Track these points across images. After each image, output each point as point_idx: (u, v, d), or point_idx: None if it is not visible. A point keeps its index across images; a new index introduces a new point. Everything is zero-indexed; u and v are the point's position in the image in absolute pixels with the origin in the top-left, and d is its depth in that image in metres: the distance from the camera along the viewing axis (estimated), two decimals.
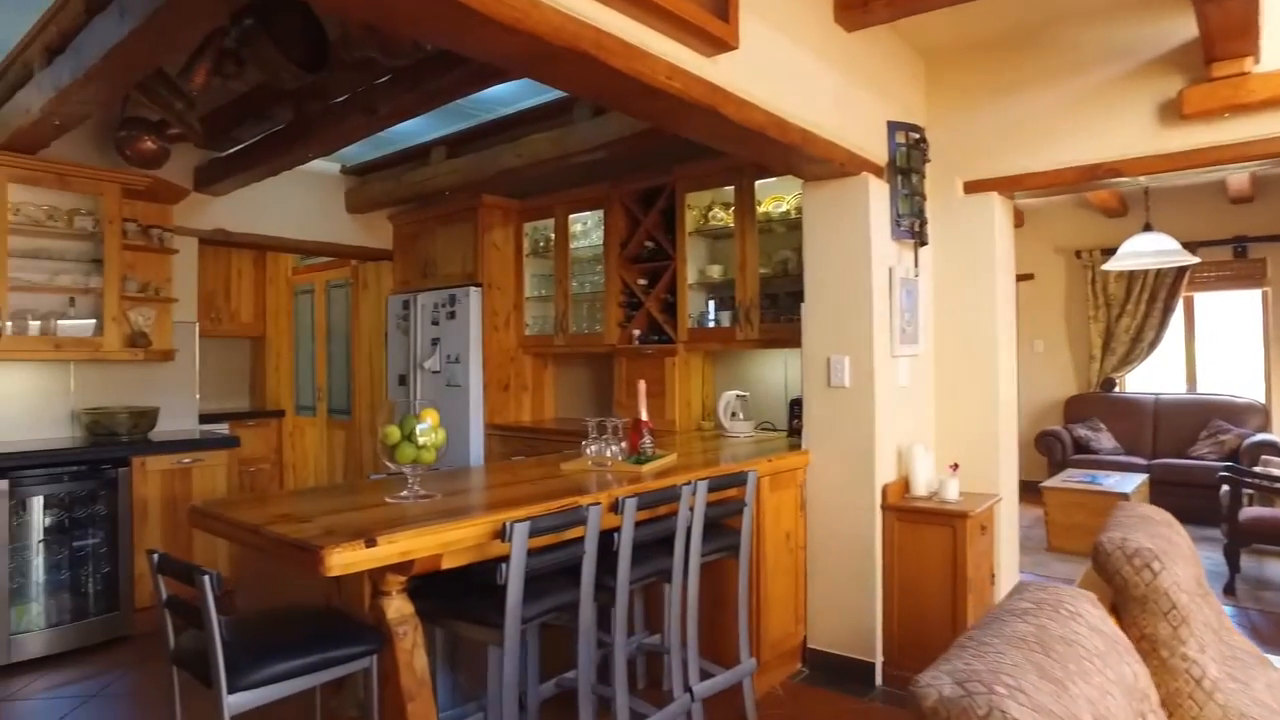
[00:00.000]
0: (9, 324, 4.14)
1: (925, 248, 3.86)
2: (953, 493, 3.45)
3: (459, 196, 5.48)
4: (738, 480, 3.06)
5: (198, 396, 5.12)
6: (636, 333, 4.93)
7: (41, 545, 4.01)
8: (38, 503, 4.00)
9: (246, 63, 3.48)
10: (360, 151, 5.55)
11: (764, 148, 3.16)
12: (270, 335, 7.26)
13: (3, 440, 4.34)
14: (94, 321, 4.47)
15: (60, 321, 4.43)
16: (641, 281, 4.97)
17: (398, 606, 2.19)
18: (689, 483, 2.77)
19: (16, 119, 3.88)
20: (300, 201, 5.60)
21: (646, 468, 3.02)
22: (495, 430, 5.39)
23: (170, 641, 2.16)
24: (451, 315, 5.48)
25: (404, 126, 4.86)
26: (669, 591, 2.90)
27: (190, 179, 5.05)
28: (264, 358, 7.33)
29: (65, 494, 4.06)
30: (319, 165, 5.69)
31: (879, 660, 3.51)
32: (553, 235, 5.46)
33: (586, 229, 5.38)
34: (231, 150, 4.79)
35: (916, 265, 3.80)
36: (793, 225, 4.32)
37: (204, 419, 5.87)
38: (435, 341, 5.58)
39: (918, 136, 3.75)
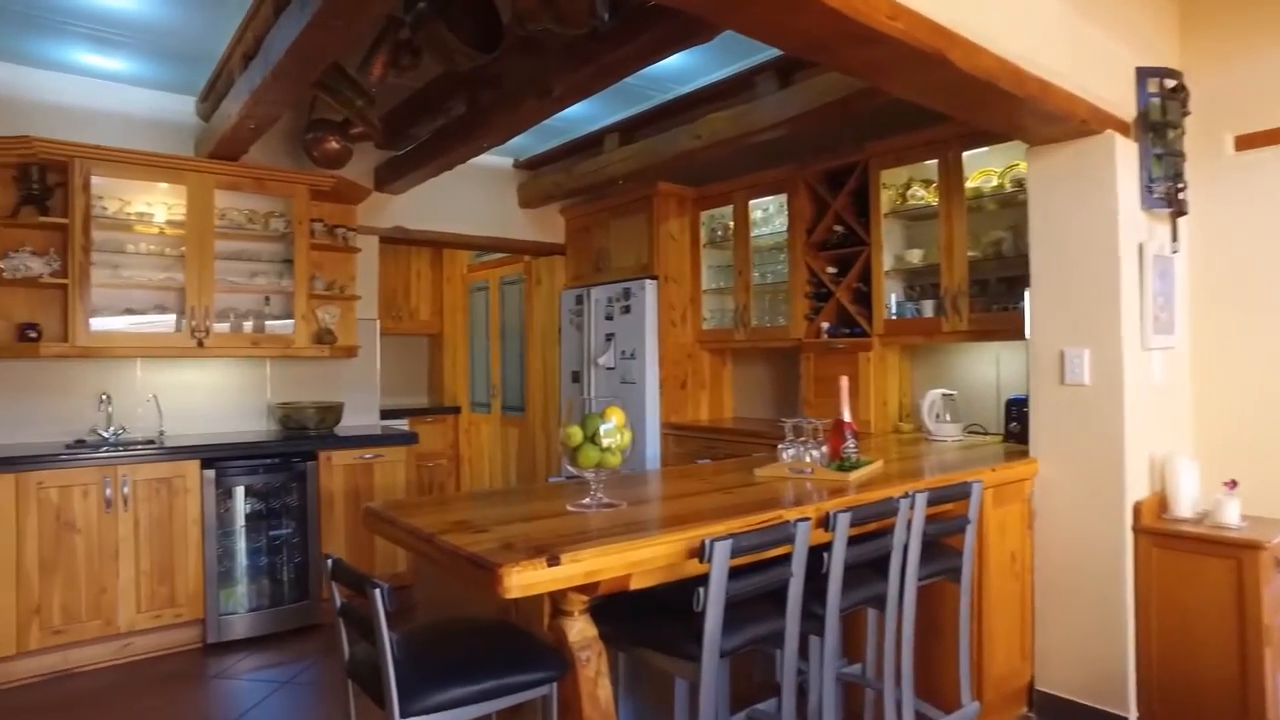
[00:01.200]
0: (215, 323, 4.31)
1: (1184, 218, 3.22)
2: (1232, 516, 2.82)
3: (632, 186, 5.27)
4: (960, 493, 2.62)
5: (379, 393, 5.20)
6: (825, 326, 4.52)
7: (243, 532, 4.14)
8: (239, 492, 4.12)
9: (421, 52, 3.40)
10: (532, 144, 5.47)
11: (990, 104, 2.69)
12: (447, 332, 7.39)
13: (211, 431, 4.54)
14: (290, 320, 4.59)
15: (257, 321, 4.59)
16: (830, 270, 4.55)
17: (581, 629, 1.94)
18: (906, 495, 2.36)
19: (221, 127, 4.02)
20: (474, 197, 5.59)
21: (853, 476, 2.63)
22: (672, 430, 5.14)
23: (345, 651, 2.02)
24: (626, 310, 5.28)
25: (576, 113, 4.70)
26: (873, 618, 2.50)
27: (371, 179, 5.13)
28: (441, 355, 7.48)
29: (261, 485, 4.18)
30: (491, 160, 5.67)
31: (1133, 715, 2.93)
32: (731, 223, 5.14)
33: (768, 215, 5.02)
34: (408, 148, 4.80)
35: (1175, 239, 3.18)
36: (1006, 201, 3.77)
37: (385, 414, 6.00)
38: (609, 337, 5.40)
39: (1174, 84, 3.13)
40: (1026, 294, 3.27)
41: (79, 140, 4.01)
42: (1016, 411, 3.54)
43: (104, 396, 4.19)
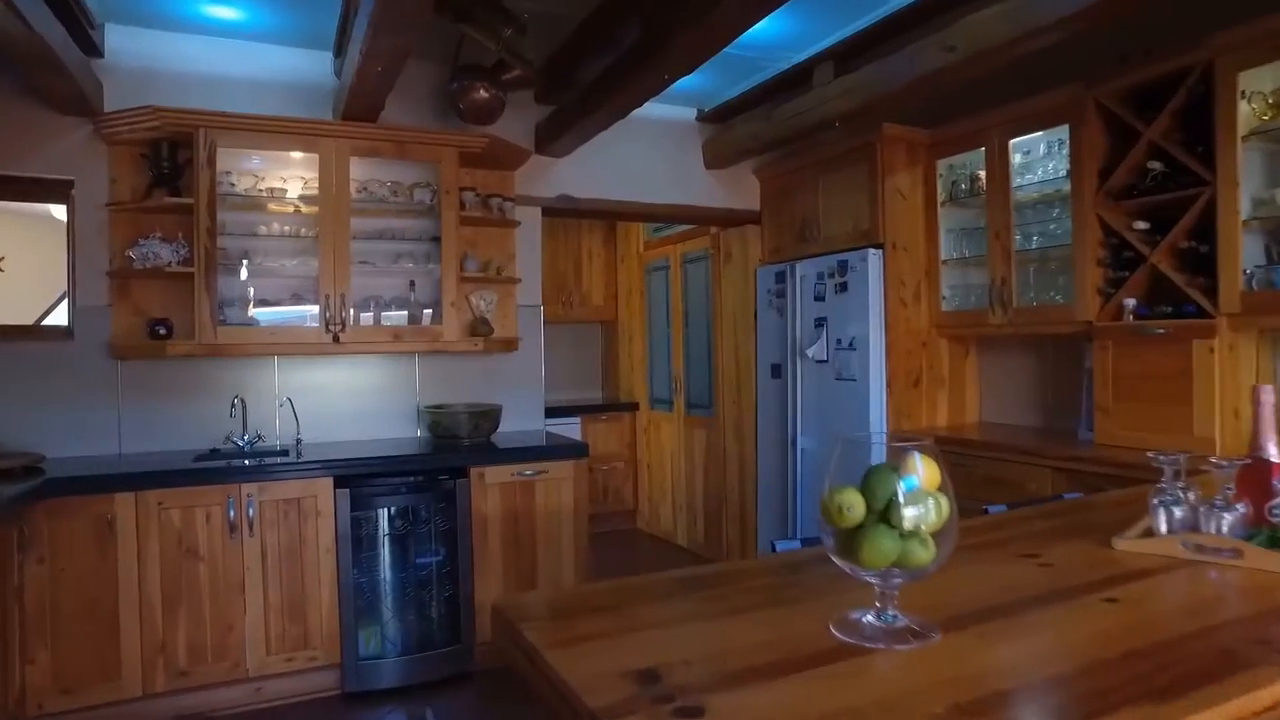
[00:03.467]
0: (354, 314, 3.68)
1: None
2: None
3: (847, 133, 4.17)
4: None
5: (543, 392, 4.43)
6: (1131, 303, 3.25)
7: (384, 562, 3.48)
8: (379, 515, 3.47)
9: None
10: (720, 87, 4.49)
11: None
12: (622, 318, 6.58)
13: (352, 439, 3.94)
14: (438, 309, 3.90)
15: (401, 310, 3.93)
16: (1139, 226, 3.26)
17: None
18: None
19: (348, 78, 3.34)
20: (652, 158, 4.69)
21: None
22: (899, 441, 4.01)
23: None
24: (842, 288, 4.20)
25: (778, 36, 3.68)
26: None
27: (530, 139, 4.34)
28: (616, 344, 6.69)
29: (404, 506, 3.50)
30: (671, 112, 4.74)
31: None
32: (981, 172, 3.93)
33: (1034, 158, 3.77)
34: (573, 96, 3.96)
35: None
36: None
37: (553, 412, 5.32)
38: (820, 322, 4.34)
39: None
40: None
41: (205, 108, 3.46)
42: None
43: (237, 400, 3.65)
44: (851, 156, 4.22)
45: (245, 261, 3.63)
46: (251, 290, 3.70)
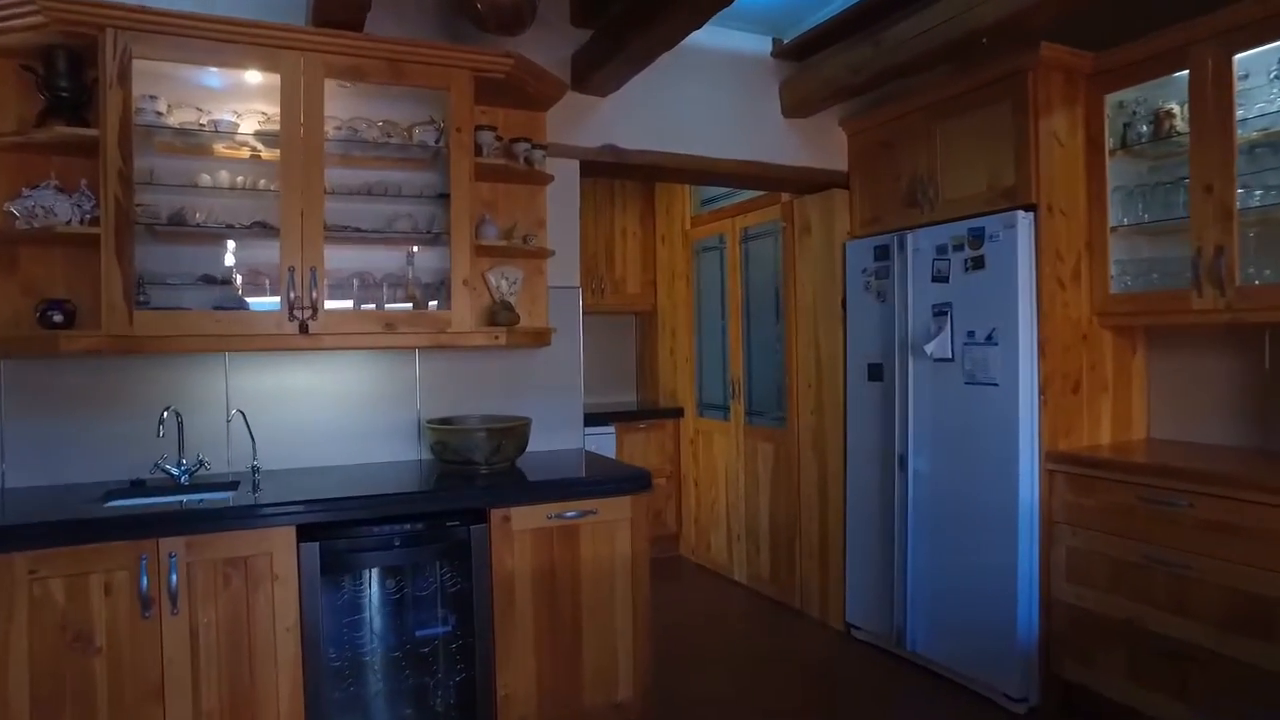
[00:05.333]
0: (329, 295, 2.69)
1: None
2: None
3: (980, 64, 3.16)
4: None
5: (582, 401, 3.42)
6: None
7: (369, 641, 2.49)
8: (364, 579, 2.48)
9: None
10: (805, 8, 3.47)
11: None
12: (663, 308, 5.57)
13: (331, 464, 2.95)
14: (436, 291, 2.91)
15: (395, 290, 2.93)
16: None
17: None
18: None
19: None
20: (717, 102, 3.68)
21: None
22: (1063, 465, 3.00)
23: None
24: (974, 264, 3.19)
25: None
26: None
27: (566, 71, 3.34)
28: (654, 338, 5.68)
29: (398, 563, 2.51)
30: (742, 43, 3.73)
31: None
32: (1173, 106, 2.91)
33: (1256, 84, 2.75)
34: (618, 11, 2.96)
35: None
36: None
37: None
38: (941, 310, 3.33)
39: None
40: None
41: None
42: None
43: (167, 414, 2.64)
44: (988, 93, 3.20)
45: (180, 223, 2.64)
46: (188, 263, 2.70)
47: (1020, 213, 3.04)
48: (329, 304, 2.68)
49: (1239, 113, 2.71)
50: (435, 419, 3.02)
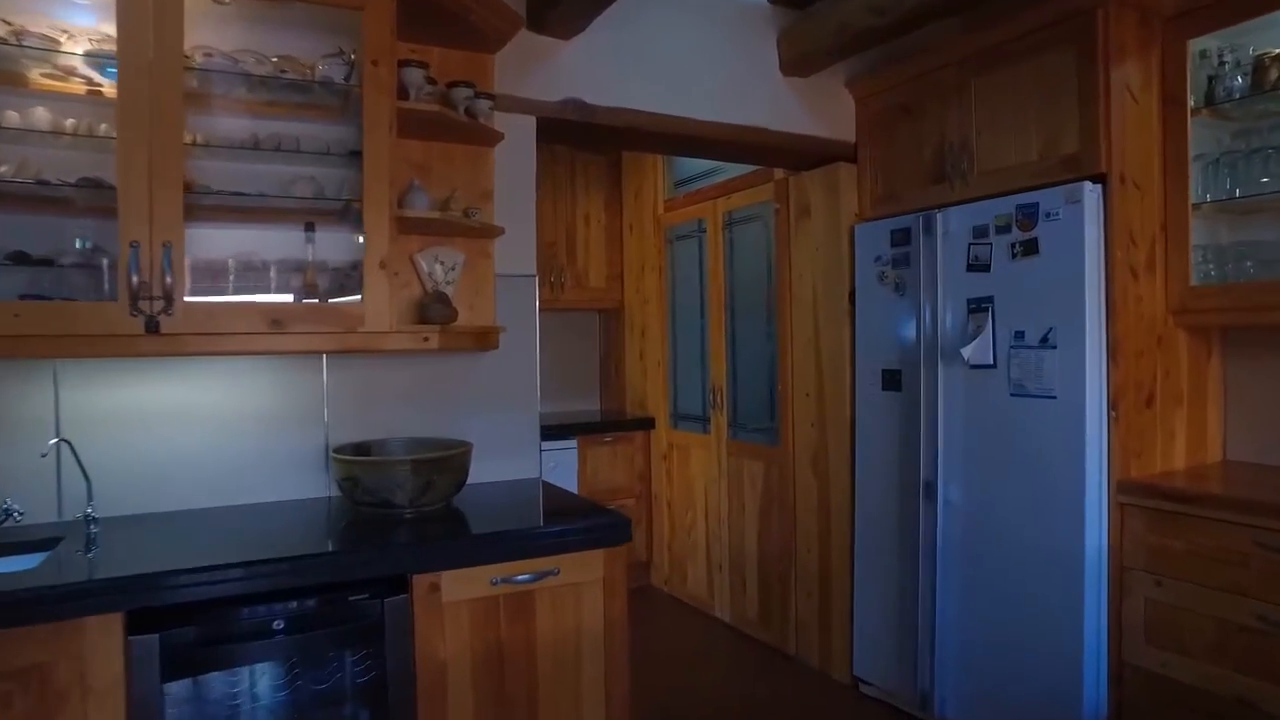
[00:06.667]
0: (197, 283, 1.98)
1: None
2: None
3: (1034, 3, 2.57)
4: None
5: (538, 417, 2.72)
6: None
7: None
8: (238, 680, 1.77)
9: None
10: None
11: None
12: (631, 305, 4.91)
13: (212, 508, 2.24)
14: (345, 277, 2.22)
15: (285, 275, 2.22)
16: None
17: None
18: None
19: None
20: (703, 54, 3.03)
21: None
22: (1139, 497, 2.41)
23: None
24: (1025, 249, 2.58)
25: None
26: None
27: (521, 5, 2.65)
28: (621, 339, 5.02)
29: (283, 652, 1.80)
30: None
31: None
32: (1272, 50, 2.34)
33: None
34: None
35: None
36: None
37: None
38: (979, 305, 2.72)
39: None
40: None
41: None
42: None
43: None
44: (1043, 38, 2.59)
45: None
46: None
47: (1088, 184, 2.44)
48: (193, 296, 1.97)
49: None
50: (346, 445, 2.31)
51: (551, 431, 4.30)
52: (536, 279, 2.72)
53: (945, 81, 2.94)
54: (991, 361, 2.70)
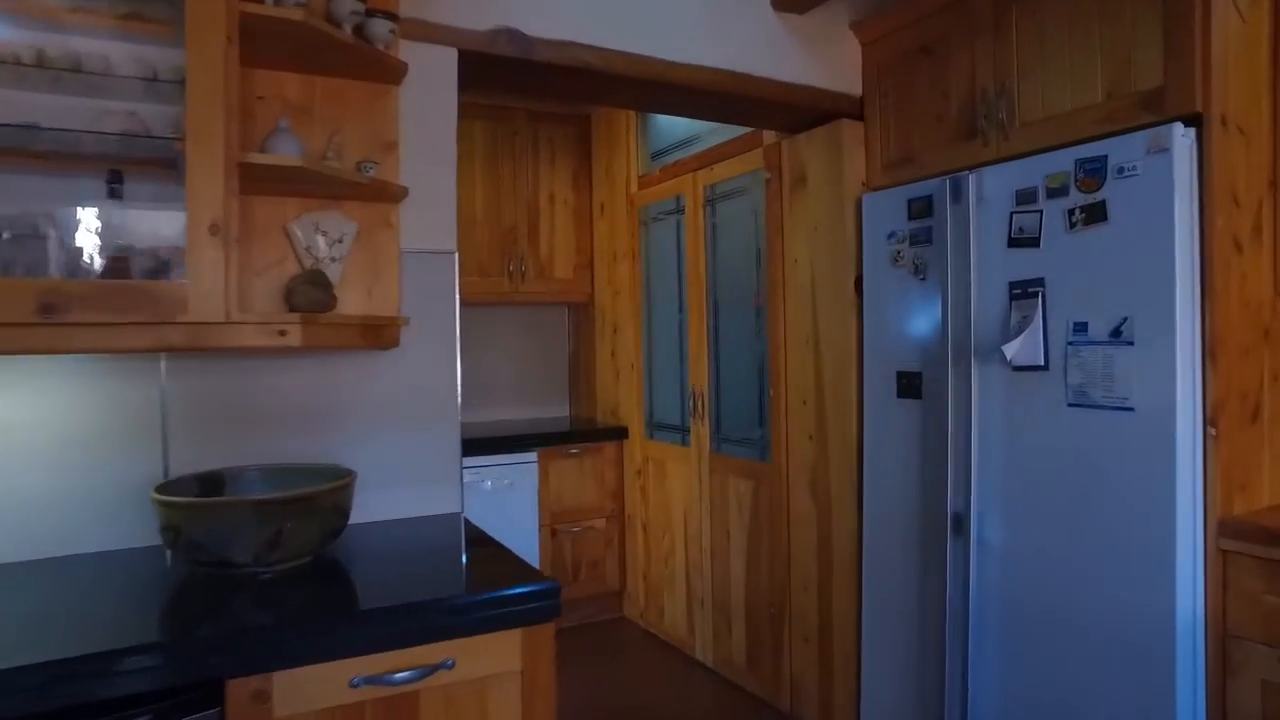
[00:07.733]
0: None
1: None
2: None
3: None
4: None
5: (459, 436, 2.11)
6: None
7: None
8: None
9: None
10: None
11: None
12: (602, 297, 4.31)
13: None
14: (170, 248, 1.61)
15: (67, 249, 1.62)
16: None
17: None
18: None
19: None
20: None
21: None
22: (1241, 540, 1.81)
23: None
24: (1088, 216, 1.98)
25: None
26: None
27: None
28: (590, 337, 4.42)
29: None
30: None
31: None
32: None
33: None
34: None
35: None
36: None
37: (491, 445, 3.21)
38: (1025, 290, 2.13)
39: None
40: None
41: None
42: None
43: None
44: None
45: None
46: None
47: (1178, 128, 1.85)
48: None
49: None
50: (185, 478, 1.70)
51: (509, 444, 3.71)
52: (456, 255, 2.11)
53: (978, 11, 2.35)
54: (1042, 362, 2.10)
